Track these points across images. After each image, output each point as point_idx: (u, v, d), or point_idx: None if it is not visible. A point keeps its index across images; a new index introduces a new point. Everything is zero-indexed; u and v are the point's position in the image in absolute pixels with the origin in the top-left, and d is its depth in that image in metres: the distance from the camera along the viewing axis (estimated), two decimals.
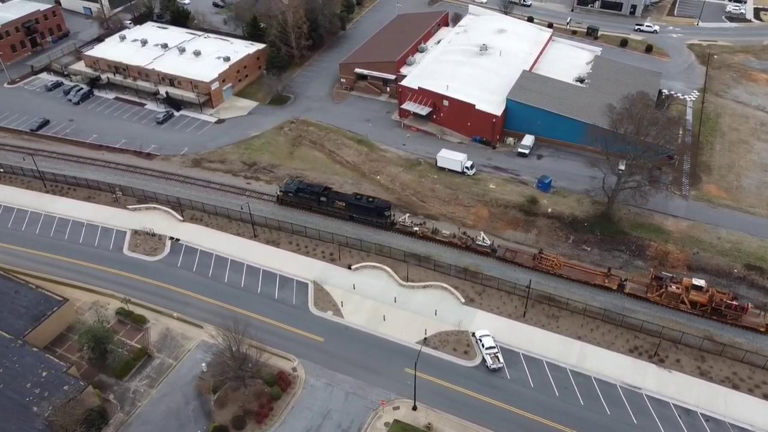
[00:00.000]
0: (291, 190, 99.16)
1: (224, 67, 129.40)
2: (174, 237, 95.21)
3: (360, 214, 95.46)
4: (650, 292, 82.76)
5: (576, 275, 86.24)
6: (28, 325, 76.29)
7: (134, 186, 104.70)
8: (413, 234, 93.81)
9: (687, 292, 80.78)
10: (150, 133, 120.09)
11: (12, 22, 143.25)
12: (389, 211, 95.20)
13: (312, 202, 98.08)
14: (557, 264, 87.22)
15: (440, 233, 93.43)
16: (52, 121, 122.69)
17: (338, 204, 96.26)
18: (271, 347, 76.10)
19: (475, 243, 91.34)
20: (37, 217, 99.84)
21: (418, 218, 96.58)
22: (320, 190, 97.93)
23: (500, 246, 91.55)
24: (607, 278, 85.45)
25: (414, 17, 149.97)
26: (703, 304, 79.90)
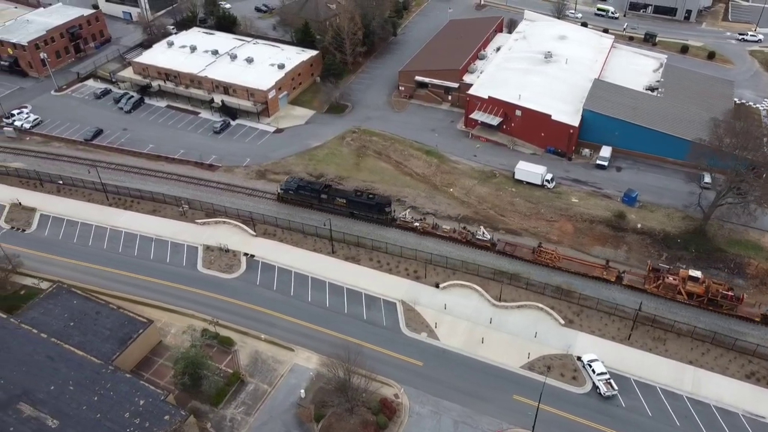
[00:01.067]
0: (291, 188, 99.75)
1: (280, 75, 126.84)
2: (249, 253, 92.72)
3: (361, 210, 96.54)
4: (648, 284, 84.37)
5: (575, 268, 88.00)
6: (115, 348, 73.58)
7: (200, 199, 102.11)
8: (414, 229, 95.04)
9: (684, 283, 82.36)
10: (208, 143, 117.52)
11: (57, 27, 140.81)
12: (390, 207, 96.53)
13: (313, 200, 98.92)
14: (556, 257, 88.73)
15: (441, 228, 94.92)
16: (105, 130, 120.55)
17: (339, 201, 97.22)
18: (371, 372, 73.40)
19: (475, 237, 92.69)
20: (102, 232, 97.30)
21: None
22: (320, 187, 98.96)
23: (500, 240, 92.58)
24: (606, 270, 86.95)
25: (468, 23, 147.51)
26: (699, 294, 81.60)
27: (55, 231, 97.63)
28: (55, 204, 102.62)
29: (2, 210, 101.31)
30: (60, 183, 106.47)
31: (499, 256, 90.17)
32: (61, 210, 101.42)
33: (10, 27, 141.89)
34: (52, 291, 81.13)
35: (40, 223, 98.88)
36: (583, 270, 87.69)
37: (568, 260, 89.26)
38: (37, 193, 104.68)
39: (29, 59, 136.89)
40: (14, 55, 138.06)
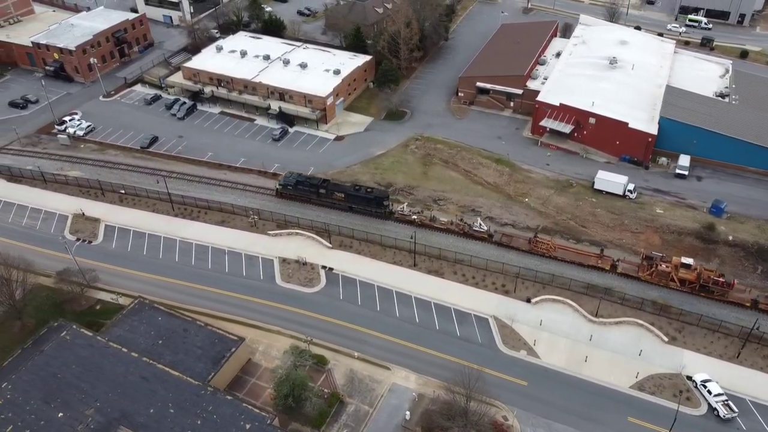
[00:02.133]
0: (290, 183, 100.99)
1: (336, 81, 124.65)
2: (327, 266, 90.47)
3: (359, 204, 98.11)
4: (641, 272, 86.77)
5: (570, 257, 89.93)
6: (209, 368, 71.17)
7: (268, 209, 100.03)
8: (412, 222, 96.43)
9: (676, 271, 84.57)
10: (268, 150, 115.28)
11: (103, 32, 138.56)
12: (387, 200, 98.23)
13: (311, 195, 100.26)
14: (551, 247, 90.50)
15: (438, 220, 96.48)
16: (160, 138, 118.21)
17: (337, 195, 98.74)
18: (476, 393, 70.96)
19: (472, 229, 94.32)
20: (172, 244, 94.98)
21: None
22: (319, 182, 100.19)
23: (496, 231, 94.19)
24: (600, 259, 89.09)
25: (522, 27, 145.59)
26: (691, 281, 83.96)
27: (123, 243, 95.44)
28: (118, 214, 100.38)
29: (65, 221, 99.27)
30: (122, 192, 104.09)
31: (500, 248, 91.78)
32: (126, 220, 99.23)
33: (55, 31, 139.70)
34: (135, 307, 78.87)
35: (106, 235, 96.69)
36: (578, 259, 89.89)
37: (564, 249, 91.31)
38: (99, 203, 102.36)
39: (76, 64, 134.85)
40: (60, 60, 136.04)
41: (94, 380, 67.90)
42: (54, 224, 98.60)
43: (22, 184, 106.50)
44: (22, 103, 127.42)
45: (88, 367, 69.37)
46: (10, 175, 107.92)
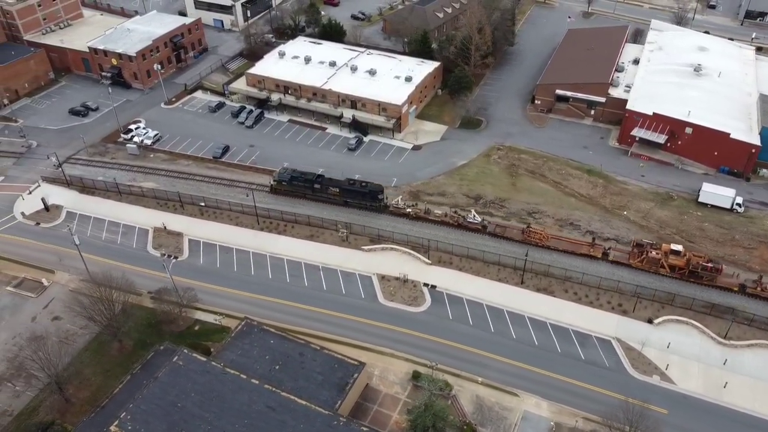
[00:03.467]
0: (285, 178, 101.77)
1: (410, 88, 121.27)
2: (429, 283, 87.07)
3: (354, 198, 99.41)
4: (632, 259, 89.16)
5: (563, 246, 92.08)
6: (334, 395, 67.60)
7: (357, 222, 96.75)
8: (407, 215, 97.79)
9: (666, 257, 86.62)
10: (345, 161, 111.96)
11: (161, 37, 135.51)
12: (382, 194, 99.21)
13: (306, 190, 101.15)
14: (544, 236, 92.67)
15: (432, 213, 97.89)
16: (231, 147, 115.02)
17: (332, 190, 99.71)
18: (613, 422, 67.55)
19: (466, 221, 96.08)
20: (262, 259, 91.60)
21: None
22: (314, 177, 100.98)
23: (490, 222, 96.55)
24: (592, 248, 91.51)
25: (591, 33, 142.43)
26: (681, 267, 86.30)
27: (210, 258, 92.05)
28: (201, 228, 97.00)
29: (146, 235, 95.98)
30: (202, 205, 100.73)
31: (494, 238, 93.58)
32: (210, 234, 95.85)
33: (112, 36, 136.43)
34: (243, 329, 75.26)
35: (191, 250, 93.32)
36: (570, 248, 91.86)
37: (557, 239, 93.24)
38: (179, 216, 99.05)
39: (135, 70, 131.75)
40: (118, 66, 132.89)
41: (218, 410, 64.40)
42: (135, 238, 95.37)
43: (96, 196, 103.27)
44: (82, 111, 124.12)
45: (208, 396, 65.87)
46: (83, 186, 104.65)
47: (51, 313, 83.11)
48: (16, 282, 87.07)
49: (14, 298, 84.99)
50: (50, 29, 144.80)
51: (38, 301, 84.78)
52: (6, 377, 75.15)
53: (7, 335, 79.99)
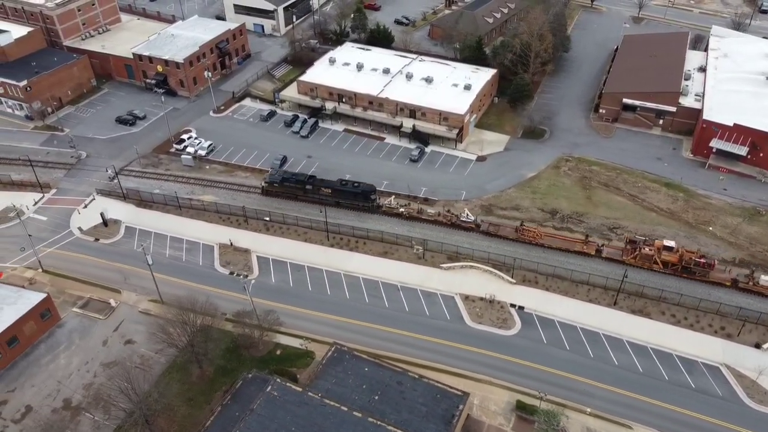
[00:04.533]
0: (276, 180, 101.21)
1: (471, 97, 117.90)
2: (516, 304, 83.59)
3: (346, 199, 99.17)
4: (625, 255, 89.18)
5: (556, 244, 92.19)
6: (441, 429, 63.67)
7: (431, 238, 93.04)
8: (399, 215, 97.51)
9: (659, 253, 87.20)
10: (408, 173, 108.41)
11: (208, 43, 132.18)
12: (374, 194, 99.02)
13: (298, 191, 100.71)
14: (538, 234, 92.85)
15: (425, 212, 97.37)
16: (289, 158, 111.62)
17: (324, 191, 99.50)
18: None
19: (459, 219, 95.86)
20: (336, 278, 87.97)
21: (732, 265, 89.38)
22: (305, 178, 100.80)
23: (483, 221, 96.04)
24: (586, 245, 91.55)
25: (650, 39, 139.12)
26: (674, 263, 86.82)
27: (282, 277, 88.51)
28: (268, 244, 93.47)
29: (212, 251, 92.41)
30: (267, 220, 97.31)
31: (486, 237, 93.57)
32: (279, 251, 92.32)
33: (156, 42, 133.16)
34: (334, 355, 71.69)
35: (261, 268, 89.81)
36: (564, 245, 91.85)
37: (550, 237, 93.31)
38: (244, 232, 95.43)
39: (182, 77, 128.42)
40: (164, 73, 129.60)
41: None
42: (201, 255, 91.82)
43: (154, 210, 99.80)
44: (130, 120, 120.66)
45: (310, 430, 62.47)
46: (140, 199, 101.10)
47: (122, 336, 79.52)
48: (82, 302, 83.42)
49: (82, 320, 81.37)
50: (89, 34, 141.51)
51: (107, 323, 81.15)
52: (83, 406, 71.42)
53: (80, 360, 76.36)
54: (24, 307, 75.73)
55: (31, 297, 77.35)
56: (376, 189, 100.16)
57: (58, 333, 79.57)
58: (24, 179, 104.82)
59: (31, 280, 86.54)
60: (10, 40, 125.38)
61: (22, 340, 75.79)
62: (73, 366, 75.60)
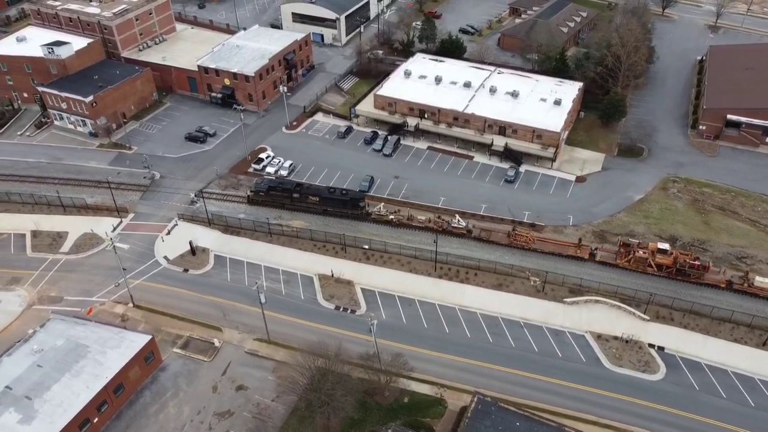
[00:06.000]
0: (262, 189, 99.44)
1: (563, 113, 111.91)
2: (654, 344, 77.64)
3: (335, 206, 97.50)
4: (619, 259, 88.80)
5: (549, 248, 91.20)
6: None
7: (549, 269, 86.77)
8: (389, 222, 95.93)
9: (653, 256, 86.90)
10: (507, 194, 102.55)
11: (276, 55, 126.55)
12: (363, 201, 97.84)
13: (285, 200, 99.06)
14: (530, 239, 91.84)
15: (416, 219, 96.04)
16: (375, 179, 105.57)
17: (312, 199, 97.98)
18: None
19: (450, 225, 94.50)
20: (451, 313, 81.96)
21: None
22: (292, 186, 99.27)
23: (474, 226, 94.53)
24: (579, 249, 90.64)
25: (740, 50, 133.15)
26: (668, 265, 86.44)
27: (393, 312, 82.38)
28: (372, 275, 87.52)
29: (311, 283, 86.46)
30: (366, 248, 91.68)
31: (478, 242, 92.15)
32: (384, 283, 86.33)
33: (221, 54, 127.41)
34: (479, 407, 65.71)
35: (368, 301, 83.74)
36: (557, 250, 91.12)
37: (543, 241, 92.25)
38: (342, 261, 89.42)
39: (251, 91, 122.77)
40: (231, 86, 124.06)
41: None
42: (301, 288, 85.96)
43: (242, 237, 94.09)
44: (200, 137, 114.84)
45: None
46: (226, 225, 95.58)
47: (232, 380, 73.53)
48: (182, 342, 77.47)
49: (186, 363, 75.38)
50: (146, 45, 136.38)
51: (214, 365, 75.14)
52: None
53: (191, 410, 70.31)
54: (129, 351, 69.84)
55: (136, 339, 71.46)
56: (365, 196, 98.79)
57: (162, 377, 73.74)
58: (98, 202, 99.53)
59: (123, 316, 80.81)
60: (71, 53, 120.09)
61: (127, 386, 69.89)
62: (185, 416, 69.56)
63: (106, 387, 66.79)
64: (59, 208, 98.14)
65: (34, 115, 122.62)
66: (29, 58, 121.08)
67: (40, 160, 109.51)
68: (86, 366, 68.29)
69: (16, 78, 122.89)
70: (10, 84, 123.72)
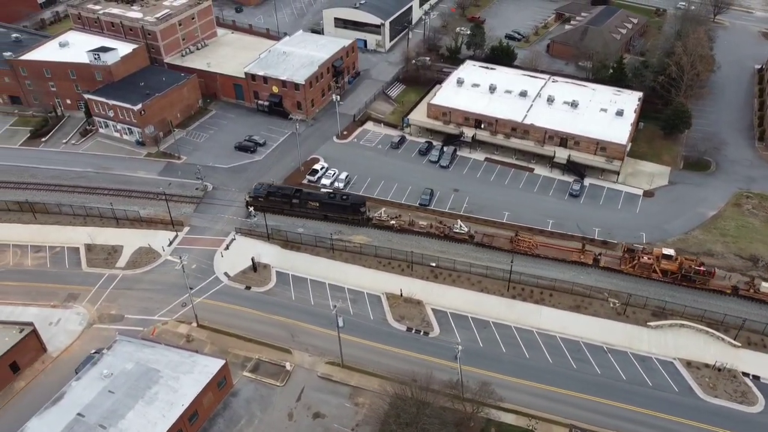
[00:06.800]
0: (261, 194, 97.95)
1: (627, 124, 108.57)
2: (749, 373, 73.72)
3: (335, 212, 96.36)
4: (623, 264, 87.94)
5: (552, 254, 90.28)
6: None
7: (628, 291, 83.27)
8: (390, 228, 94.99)
9: (658, 262, 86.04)
10: (573, 210, 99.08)
11: (326, 62, 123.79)
12: (364, 206, 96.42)
13: (284, 205, 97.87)
14: (533, 244, 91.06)
15: (417, 224, 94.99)
16: (435, 192, 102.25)
17: (312, 204, 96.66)
18: None
19: (452, 231, 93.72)
20: (530, 337, 78.54)
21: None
22: (292, 192, 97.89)
23: (477, 232, 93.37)
24: (582, 254, 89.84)
25: None
26: (673, 271, 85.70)
27: (468, 335, 78.94)
28: (441, 295, 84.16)
29: (379, 303, 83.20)
30: (433, 266, 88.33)
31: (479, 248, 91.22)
32: (455, 303, 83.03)
33: (268, 60, 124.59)
34: None
35: (440, 323, 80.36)
36: (561, 255, 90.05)
37: (545, 247, 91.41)
38: (408, 279, 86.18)
39: (300, 99, 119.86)
40: (279, 94, 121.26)
41: None
42: (369, 308, 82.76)
43: (303, 252, 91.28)
44: (251, 147, 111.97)
45: None
46: (286, 240, 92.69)
47: (307, 407, 70.33)
48: (251, 365, 74.39)
49: (257, 388, 72.30)
50: (188, 50, 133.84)
51: (286, 390, 72.03)
52: None
53: None
54: (203, 377, 66.85)
55: (209, 364, 68.47)
56: (366, 201, 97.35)
57: (234, 403, 70.66)
58: (152, 215, 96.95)
59: (188, 336, 77.87)
60: (117, 59, 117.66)
61: (201, 414, 66.89)
62: None
63: (182, 416, 63.93)
64: (112, 221, 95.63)
65: (77, 123, 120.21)
66: (74, 64, 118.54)
67: (87, 169, 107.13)
68: (160, 392, 65.44)
69: (59, 84, 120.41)
70: (53, 90, 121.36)
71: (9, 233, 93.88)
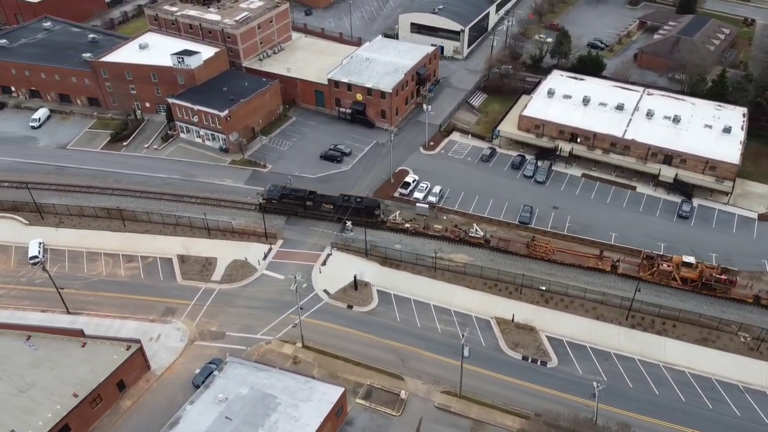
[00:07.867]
0: (275, 196, 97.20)
1: (737, 142, 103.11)
2: None
3: (349, 214, 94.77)
4: (642, 272, 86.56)
5: (569, 260, 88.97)
6: None
7: (760, 325, 78.35)
8: (405, 231, 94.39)
9: (678, 269, 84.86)
10: (683, 232, 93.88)
11: (410, 70, 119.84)
12: (379, 209, 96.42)
13: (298, 207, 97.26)
14: (550, 249, 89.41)
15: (432, 228, 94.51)
16: (534, 209, 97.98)
17: (326, 206, 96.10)
18: None
19: (468, 235, 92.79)
20: (656, 371, 73.52)
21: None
22: (305, 194, 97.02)
23: (492, 236, 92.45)
24: (600, 260, 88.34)
25: None
26: (693, 279, 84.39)
27: (589, 366, 74.39)
28: (554, 321, 79.99)
29: (489, 328, 79.17)
30: (542, 289, 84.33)
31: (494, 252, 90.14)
32: (571, 331, 78.67)
33: (351, 67, 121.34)
34: None
35: (558, 353, 76.03)
36: (578, 261, 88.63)
37: (562, 252, 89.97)
38: (518, 303, 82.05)
39: (385, 107, 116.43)
40: (362, 102, 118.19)
41: None
42: (479, 332, 78.78)
43: (402, 270, 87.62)
44: (337, 156, 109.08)
45: None
46: (384, 257, 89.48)
47: None
48: (363, 392, 70.85)
49: (372, 417, 68.74)
50: (266, 54, 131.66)
51: (403, 421, 68.32)
52: None
53: None
54: (324, 405, 63.37)
55: (327, 391, 65.04)
56: (380, 204, 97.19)
57: None
58: (243, 225, 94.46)
59: (295, 358, 74.78)
60: (200, 62, 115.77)
61: None
62: None
63: None
64: (203, 231, 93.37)
65: (157, 127, 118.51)
66: (156, 67, 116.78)
67: (172, 176, 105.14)
68: (279, 421, 62.21)
69: (140, 86, 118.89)
70: (133, 93, 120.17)
71: (100, 241, 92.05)
